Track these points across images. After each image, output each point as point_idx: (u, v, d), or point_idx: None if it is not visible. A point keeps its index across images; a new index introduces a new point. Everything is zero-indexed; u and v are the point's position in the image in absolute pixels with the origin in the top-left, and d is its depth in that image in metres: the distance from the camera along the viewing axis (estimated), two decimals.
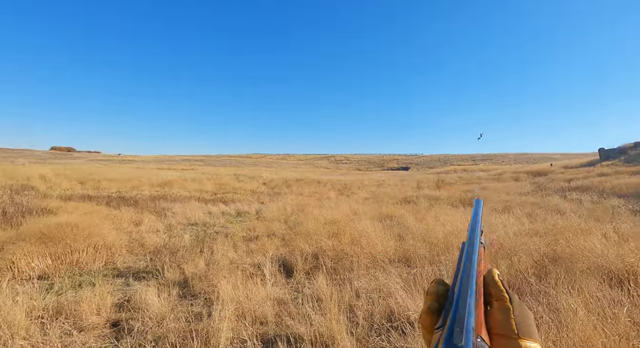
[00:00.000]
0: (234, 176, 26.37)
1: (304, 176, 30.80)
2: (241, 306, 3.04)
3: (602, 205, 8.50)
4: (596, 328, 2.10)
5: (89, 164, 47.16)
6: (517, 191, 13.47)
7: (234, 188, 16.98)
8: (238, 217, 8.91)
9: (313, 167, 66.87)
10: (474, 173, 30.59)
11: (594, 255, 3.75)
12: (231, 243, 5.62)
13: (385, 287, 3.36)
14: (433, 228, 6.02)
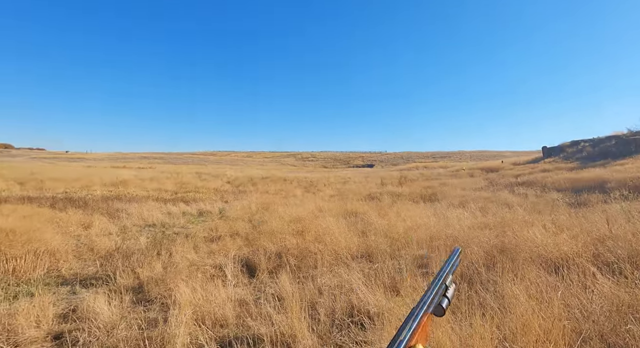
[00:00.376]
0: (196, 174, 25.38)
1: (270, 174, 30.46)
2: (200, 309, 2.93)
3: (544, 198, 9.32)
4: (534, 311, 2.30)
5: (31, 162, 42.85)
6: (472, 187, 14.35)
7: (196, 187, 16.35)
8: (200, 217, 8.59)
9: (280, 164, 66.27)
10: (434, 170, 32.11)
11: (535, 245, 4.10)
12: (192, 244, 5.41)
13: (347, 283, 3.42)
14: (395, 223, 6.24)
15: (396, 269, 3.87)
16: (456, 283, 2.35)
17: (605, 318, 2.38)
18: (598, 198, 8.19)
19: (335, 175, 30.02)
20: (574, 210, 6.87)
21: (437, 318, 2.11)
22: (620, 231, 4.42)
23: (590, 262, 3.49)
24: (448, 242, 4.84)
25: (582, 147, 22.35)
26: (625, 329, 2.16)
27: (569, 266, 3.35)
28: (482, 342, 2.06)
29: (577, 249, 3.88)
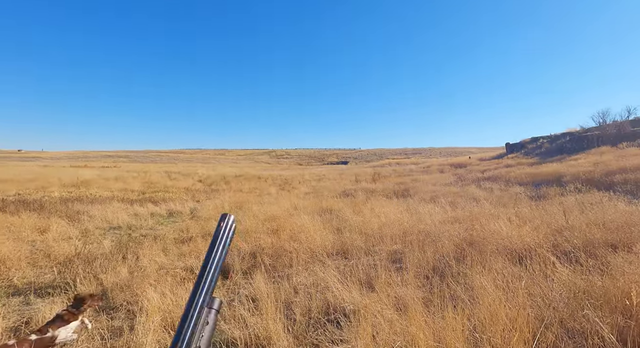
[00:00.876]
0: (165, 173, 24.39)
1: (244, 172, 29.90)
2: (170, 315, 2.80)
3: (508, 192, 9.84)
4: (501, 301, 2.40)
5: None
6: (442, 182, 14.87)
7: (166, 186, 15.71)
8: (170, 218, 8.25)
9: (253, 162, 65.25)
10: (406, 166, 32.95)
11: (501, 237, 4.30)
12: (161, 246, 5.17)
13: (323, 281, 3.40)
14: (369, 220, 6.31)
15: (371, 265, 3.91)
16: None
17: (564, 304, 2.53)
18: (556, 191, 8.76)
19: (310, 172, 30.00)
20: (535, 203, 7.30)
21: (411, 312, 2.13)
22: (576, 222, 4.75)
23: (550, 251, 3.71)
24: (420, 237, 4.96)
25: (541, 143, 23.82)
26: (582, 314, 2.31)
27: (532, 256, 3.53)
28: (453, 334, 2.12)
29: (538, 240, 4.12)
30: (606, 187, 8.53)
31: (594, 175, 10.28)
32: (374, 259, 4.24)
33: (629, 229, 4.05)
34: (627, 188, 8.14)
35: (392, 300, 2.86)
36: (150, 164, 49.74)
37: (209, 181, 19.71)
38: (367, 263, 3.99)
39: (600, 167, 11.14)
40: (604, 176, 9.85)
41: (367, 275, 3.61)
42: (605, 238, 3.95)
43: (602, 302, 2.42)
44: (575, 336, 2.20)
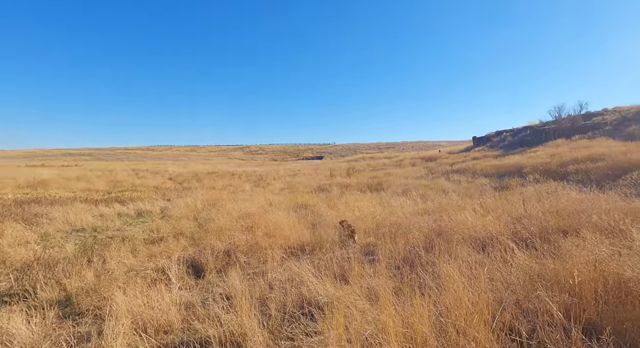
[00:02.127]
0: (132, 171, 23.33)
1: (217, 168, 29.22)
2: (141, 317, 2.73)
3: (474, 184, 10.35)
4: (465, 287, 2.56)
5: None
6: (414, 175, 15.37)
7: (133, 185, 15.05)
8: (139, 218, 7.94)
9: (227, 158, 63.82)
10: (379, 160, 33.65)
11: (466, 227, 4.54)
12: (129, 247, 4.99)
13: (298, 276, 3.45)
14: (344, 214, 6.43)
15: (345, 259, 4.01)
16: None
17: (520, 287, 2.74)
18: (517, 182, 9.34)
19: (285, 168, 29.86)
20: (498, 194, 7.75)
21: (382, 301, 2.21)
22: (533, 210, 5.11)
23: (510, 239, 3.98)
24: (392, 229, 5.13)
25: (504, 136, 25.14)
26: (536, 295, 2.52)
27: (494, 244, 3.78)
28: (420, 320, 2.24)
29: (500, 228, 4.40)
30: (561, 177, 9.20)
31: (550, 166, 11.03)
32: (348, 252, 4.35)
33: (578, 216, 4.42)
34: (579, 177, 8.84)
35: (364, 291, 2.96)
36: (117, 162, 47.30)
37: (180, 179, 19.10)
38: (342, 257, 4.08)
39: (556, 159, 11.97)
40: (559, 167, 10.61)
41: (341, 268, 3.70)
42: (558, 225, 4.29)
43: (553, 283, 2.65)
44: (529, 315, 2.39)
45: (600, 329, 2.14)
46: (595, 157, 10.51)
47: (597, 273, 2.56)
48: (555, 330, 2.07)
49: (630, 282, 2.39)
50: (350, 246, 4.64)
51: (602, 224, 3.92)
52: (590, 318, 2.25)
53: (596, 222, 3.99)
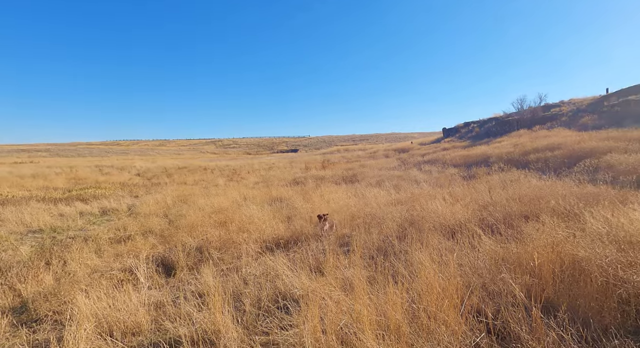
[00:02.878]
0: (96, 168, 22.03)
1: (188, 163, 28.27)
2: (106, 320, 2.59)
3: (444, 174, 10.71)
4: (436, 273, 2.65)
5: None
6: (387, 166, 15.66)
7: (97, 182, 14.23)
8: (104, 216, 7.53)
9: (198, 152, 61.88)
10: (354, 152, 33.99)
11: (437, 215, 4.69)
12: (93, 248, 4.72)
13: (273, 270, 3.42)
14: (319, 206, 6.43)
15: (320, 251, 4.02)
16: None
17: (487, 271, 2.87)
18: (483, 171, 9.77)
19: (259, 161, 29.41)
20: (467, 183, 8.07)
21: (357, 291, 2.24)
22: (498, 198, 5.36)
23: (477, 225, 4.16)
24: (367, 219, 5.20)
25: (472, 127, 26.19)
26: (500, 278, 2.65)
27: (462, 231, 3.93)
28: (394, 307, 2.29)
29: (468, 216, 4.58)
30: (523, 165, 9.73)
31: (513, 155, 11.63)
32: (324, 244, 4.36)
33: (538, 201, 4.69)
34: (539, 166, 9.39)
35: (339, 282, 2.98)
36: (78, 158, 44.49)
37: (148, 174, 18.29)
38: (317, 249, 4.09)
39: (518, 148, 12.62)
40: (522, 156, 11.22)
41: (316, 261, 3.71)
42: (521, 210, 4.53)
43: (516, 266, 2.80)
44: (495, 297, 2.52)
45: (557, 306, 2.29)
46: (553, 146, 11.20)
47: (555, 254, 2.73)
48: (518, 310, 2.18)
49: (583, 261, 2.57)
50: (326, 237, 4.65)
51: (559, 209, 4.18)
52: (548, 296, 2.40)
53: (554, 207, 4.25)
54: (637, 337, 2.04)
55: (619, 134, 10.80)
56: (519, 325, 2.10)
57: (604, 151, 8.79)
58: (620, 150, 8.52)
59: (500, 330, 2.17)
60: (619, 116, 14.71)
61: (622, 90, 18.12)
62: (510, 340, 2.09)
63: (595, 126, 14.32)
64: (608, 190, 4.98)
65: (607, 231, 2.88)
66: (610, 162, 7.58)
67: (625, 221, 2.92)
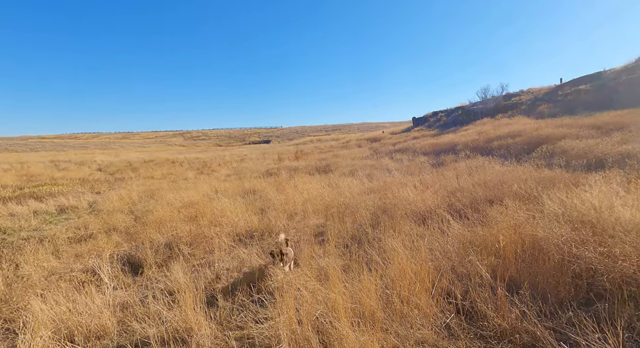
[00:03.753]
0: (51, 163, 20.46)
1: (155, 156, 26.99)
2: (66, 325, 2.42)
3: (414, 162, 11.01)
4: (408, 259, 2.72)
5: None
6: (360, 156, 15.84)
7: (53, 178, 13.23)
8: (61, 215, 7.02)
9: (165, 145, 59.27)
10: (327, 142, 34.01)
11: (408, 203, 4.81)
12: (50, 248, 4.39)
13: (248, 263, 3.35)
14: (293, 197, 6.38)
15: (295, 242, 3.99)
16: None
17: (455, 254, 2.99)
18: (451, 158, 10.14)
19: (230, 153, 28.68)
20: (436, 170, 8.34)
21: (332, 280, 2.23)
22: (465, 183, 5.58)
23: (446, 211, 4.31)
24: (341, 209, 5.23)
25: (440, 116, 27.05)
26: (468, 260, 2.77)
27: (432, 216, 4.06)
28: (368, 294, 2.33)
29: (437, 202, 4.74)
30: (487, 152, 10.21)
31: (478, 143, 12.16)
32: (299, 235, 4.34)
33: (501, 186, 4.94)
34: (501, 152, 9.89)
35: (315, 271, 2.98)
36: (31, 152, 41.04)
37: (111, 169, 17.27)
38: (292, 240, 4.06)
39: (483, 136, 13.20)
40: (486, 143, 11.75)
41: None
42: (486, 195, 4.75)
43: (482, 248, 2.93)
44: (463, 279, 2.63)
45: (520, 284, 2.43)
46: (514, 133, 11.81)
47: (517, 235, 2.89)
48: (484, 290, 2.29)
49: (542, 241, 2.74)
50: (301, 229, 4.63)
51: (520, 193, 4.42)
52: (511, 275, 2.54)
53: (516, 191, 4.49)
54: (588, 307, 2.21)
55: (571, 121, 11.59)
56: (485, 304, 2.21)
57: (559, 137, 9.40)
58: (573, 136, 9.16)
59: (469, 310, 2.27)
60: (571, 104, 15.77)
61: (573, 80, 19.40)
62: (477, 318, 2.19)
63: (551, 114, 15.26)
64: (563, 173, 5.34)
65: (562, 212, 3.09)
66: (564, 148, 8.12)
67: (578, 202, 3.14)
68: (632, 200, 2.91)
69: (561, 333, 1.98)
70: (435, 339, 2.04)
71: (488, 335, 2.04)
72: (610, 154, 6.54)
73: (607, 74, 16.99)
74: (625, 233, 2.38)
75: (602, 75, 17.27)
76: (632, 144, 6.91)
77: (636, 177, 3.73)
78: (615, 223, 2.54)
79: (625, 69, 16.09)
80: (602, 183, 3.64)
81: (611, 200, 2.91)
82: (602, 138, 8.08)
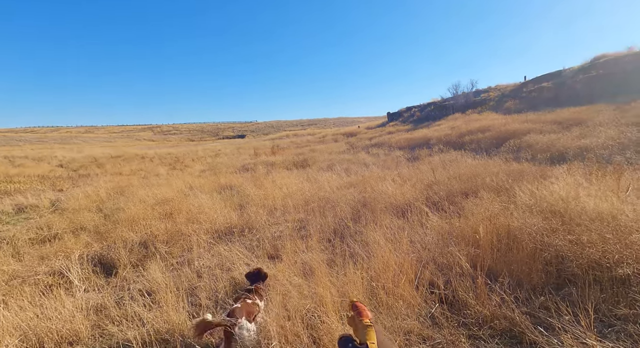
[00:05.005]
0: (4, 159, 18.90)
1: (123, 152, 25.67)
2: (34, 332, 2.26)
3: (391, 156, 11.22)
4: (391, 251, 2.77)
5: None
6: (337, 150, 15.92)
7: (8, 175, 12.24)
8: (20, 215, 6.52)
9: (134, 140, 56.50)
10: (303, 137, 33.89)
11: (387, 196, 4.89)
12: (9, 251, 4.07)
13: (229, 260, 3.28)
14: (272, 193, 6.30)
15: (276, 237, 3.95)
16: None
17: (435, 245, 3.08)
18: (426, 152, 10.43)
19: (204, 148, 27.87)
20: (412, 164, 8.55)
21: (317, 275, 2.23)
22: (441, 177, 5.76)
23: (424, 203, 4.43)
24: (321, 203, 5.24)
25: (413, 112, 27.70)
26: (448, 251, 2.87)
27: (412, 209, 4.15)
28: (354, 287, 2.35)
29: (415, 195, 4.86)
30: (460, 146, 10.60)
31: (451, 137, 12.59)
32: (280, 230, 4.30)
33: (475, 179, 5.14)
34: (473, 146, 10.31)
35: (299, 266, 2.97)
36: None
37: (74, 165, 16.25)
38: (273, 236, 4.02)
39: (455, 131, 13.68)
40: (458, 138, 12.18)
41: (273, 247, 3.64)
42: (461, 188, 4.93)
43: (460, 239, 3.05)
44: (444, 269, 2.72)
45: (497, 273, 2.55)
46: (484, 128, 12.34)
47: (492, 226, 3.02)
48: (465, 279, 2.39)
49: (516, 230, 2.89)
50: (282, 224, 4.59)
51: (492, 185, 4.63)
52: (490, 265, 2.66)
53: (489, 183, 4.70)
54: (558, 292, 2.36)
55: (535, 117, 12.26)
56: (466, 293, 2.30)
57: (524, 132, 9.93)
58: (537, 131, 9.71)
59: (451, 299, 2.36)
60: (535, 101, 16.69)
61: (537, 77, 20.52)
62: (459, 307, 2.28)
63: (517, 110, 16.07)
64: (530, 166, 5.65)
65: (533, 202, 3.26)
66: (530, 142, 8.59)
67: (547, 193, 3.33)
68: (595, 190, 3.13)
69: (536, 317, 2.10)
70: (420, 328, 2.10)
71: (470, 323, 2.13)
72: (570, 148, 7.00)
73: (566, 72, 18.11)
74: (590, 222, 2.55)
75: (561, 73, 18.38)
76: (590, 138, 7.43)
77: (596, 169, 4.01)
78: (581, 212, 2.72)
79: (582, 68, 17.22)
80: (567, 176, 3.89)
81: (577, 191, 3.11)
82: (563, 133, 8.63)
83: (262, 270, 2.46)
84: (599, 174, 3.77)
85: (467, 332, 2.07)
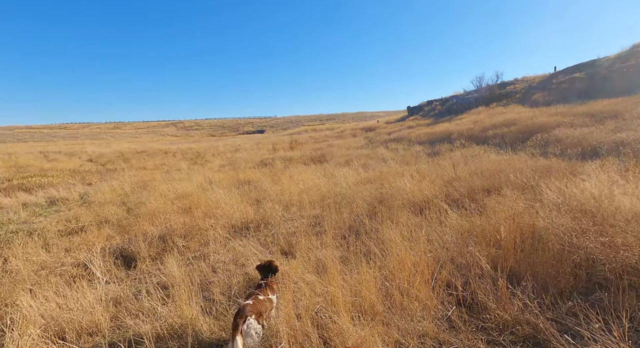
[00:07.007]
0: (40, 154, 20.00)
1: (147, 147, 26.57)
2: (57, 322, 2.35)
3: (410, 151, 10.96)
4: (407, 250, 2.68)
5: None
6: (355, 145, 15.75)
7: (42, 170, 12.94)
8: (52, 207, 6.87)
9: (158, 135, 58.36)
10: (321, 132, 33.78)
11: (405, 193, 4.76)
12: (40, 242, 4.28)
13: (243, 256, 3.29)
14: (288, 188, 6.30)
15: (291, 233, 3.94)
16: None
17: (454, 245, 2.96)
18: (446, 147, 10.11)
19: (224, 143, 28.35)
20: (432, 159, 8.31)
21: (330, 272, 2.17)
22: (462, 173, 5.55)
23: (444, 200, 4.28)
24: (337, 199, 5.18)
25: (434, 105, 26.94)
26: (467, 251, 2.74)
27: (430, 207, 4.02)
28: (367, 285, 2.29)
29: (434, 192, 4.70)
30: (482, 141, 10.19)
31: (473, 131, 12.14)
32: (295, 226, 4.29)
33: (498, 175, 4.91)
34: (497, 141, 9.88)
35: (312, 263, 2.94)
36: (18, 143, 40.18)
37: (102, 160, 16.96)
38: (288, 232, 4.00)
39: (478, 125, 13.18)
40: (481, 132, 11.73)
41: (288, 243, 3.63)
42: (483, 185, 4.72)
43: (481, 238, 2.91)
44: (463, 269, 2.60)
45: (519, 275, 2.41)
46: (509, 122, 11.80)
47: (515, 225, 2.86)
48: (485, 281, 2.27)
49: (541, 230, 2.72)
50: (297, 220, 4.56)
51: (517, 182, 4.40)
52: (512, 266, 2.52)
53: (513, 180, 4.47)
54: (587, 297, 2.20)
55: (565, 110, 11.59)
56: (486, 295, 2.18)
57: (553, 126, 9.40)
58: (567, 124, 9.16)
59: (469, 302, 2.25)
60: (565, 92, 15.78)
61: (567, 68, 19.37)
62: (478, 310, 2.17)
63: (545, 102, 15.26)
64: (558, 162, 5.33)
65: (562, 201, 3.06)
66: (559, 136, 8.12)
67: (577, 191, 3.12)
68: (632, 188, 2.89)
69: (562, 324, 1.97)
70: (436, 332, 2.01)
71: (489, 327, 2.02)
72: (604, 142, 6.55)
73: (601, 62, 16.97)
74: (626, 223, 2.36)
75: (595, 63, 17.25)
76: (626, 132, 6.92)
77: (634, 165, 3.72)
78: (615, 212, 2.52)
79: (619, 56, 16.08)
80: (600, 172, 3.63)
81: (611, 189, 2.89)
82: (596, 126, 8.09)
83: (273, 262, 2.44)
84: (636, 171, 3.49)
85: (487, 337, 1.96)
